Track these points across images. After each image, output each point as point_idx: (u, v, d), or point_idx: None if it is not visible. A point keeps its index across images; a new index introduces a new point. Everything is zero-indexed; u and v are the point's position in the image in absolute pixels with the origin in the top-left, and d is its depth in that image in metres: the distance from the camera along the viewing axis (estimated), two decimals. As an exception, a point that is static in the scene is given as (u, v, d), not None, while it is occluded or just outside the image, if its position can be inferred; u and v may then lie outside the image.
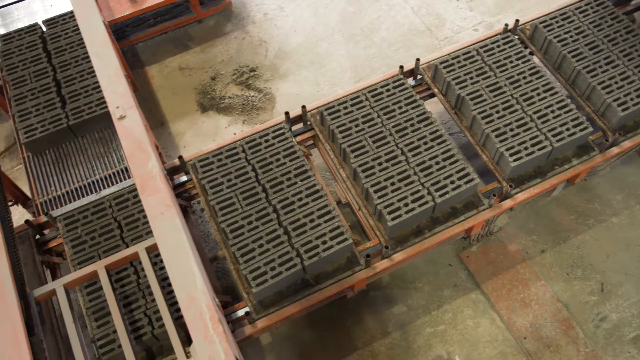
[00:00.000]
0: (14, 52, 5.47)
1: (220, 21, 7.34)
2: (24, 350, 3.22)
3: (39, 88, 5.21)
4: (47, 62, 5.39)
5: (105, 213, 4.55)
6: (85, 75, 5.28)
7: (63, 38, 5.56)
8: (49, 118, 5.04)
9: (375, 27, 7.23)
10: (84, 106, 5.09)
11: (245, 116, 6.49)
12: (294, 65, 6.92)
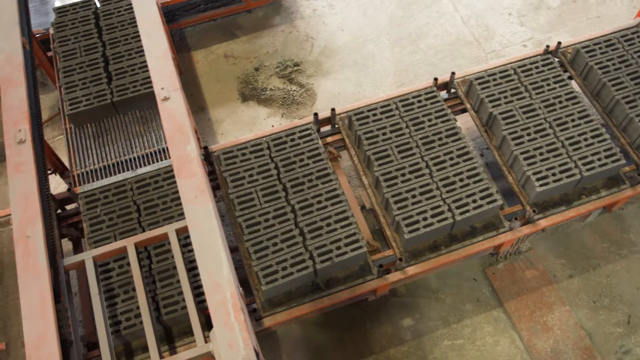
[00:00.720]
0: (67, 25, 5.60)
1: (269, 13, 7.44)
2: (50, 316, 3.41)
3: (88, 62, 5.33)
4: (98, 38, 5.50)
5: (125, 195, 4.67)
6: (133, 54, 5.39)
7: (115, 16, 5.68)
8: (94, 93, 5.18)
9: (423, 33, 7.20)
10: (129, 84, 5.21)
11: (285, 110, 6.59)
12: (338, 63, 6.98)
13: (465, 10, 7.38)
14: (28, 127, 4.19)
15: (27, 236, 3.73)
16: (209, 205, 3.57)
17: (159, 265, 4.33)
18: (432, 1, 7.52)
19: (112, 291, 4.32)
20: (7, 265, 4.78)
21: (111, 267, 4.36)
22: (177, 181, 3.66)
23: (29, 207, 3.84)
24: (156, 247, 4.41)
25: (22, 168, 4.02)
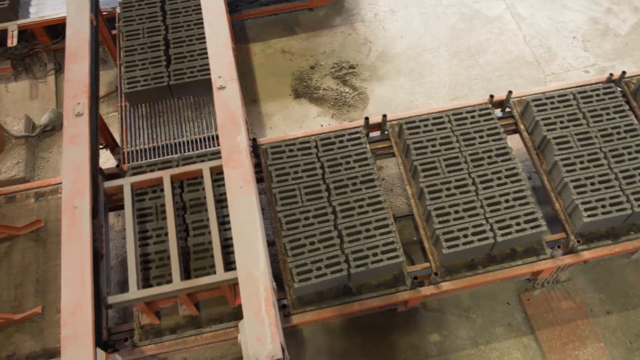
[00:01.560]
0: (133, 5, 5.71)
1: (330, 13, 7.46)
2: (88, 286, 3.53)
3: (149, 44, 5.42)
4: (162, 21, 5.59)
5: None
6: (194, 41, 5.44)
7: (181, 1, 5.75)
8: (152, 74, 5.26)
9: (482, 48, 7.10)
10: (187, 69, 5.26)
11: (336, 111, 6.60)
12: (393, 70, 6.94)
13: (529, 29, 7.24)
14: (87, 101, 4.31)
15: (74, 206, 3.83)
16: (252, 197, 3.61)
17: (189, 197, 4.49)
18: (495, 17, 7.41)
19: (145, 217, 4.49)
20: (52, 232, 4.93)
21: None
22: (224, 170, 3.72)
23: (80, 179, 3.95)
24: (189, 183, 4.57)
25: (76, 140, 4.14)
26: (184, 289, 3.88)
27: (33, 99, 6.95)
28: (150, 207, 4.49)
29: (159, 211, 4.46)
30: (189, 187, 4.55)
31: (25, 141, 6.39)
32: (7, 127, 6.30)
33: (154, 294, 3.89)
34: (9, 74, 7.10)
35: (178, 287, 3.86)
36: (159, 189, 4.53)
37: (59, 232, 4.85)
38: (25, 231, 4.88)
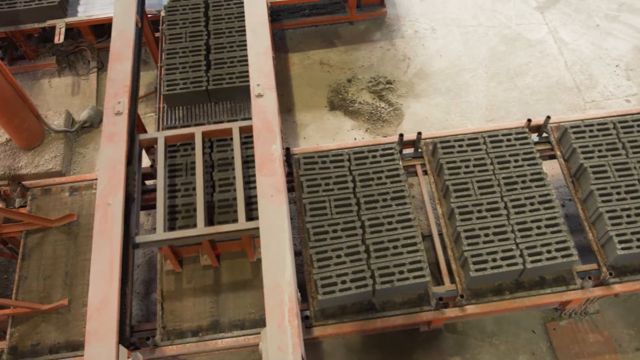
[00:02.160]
0: (178, 10, 5.83)
1: (370, 27, 7.48)
2: (115, 283, 3.59)
3: (191, 48, 5.50)
4: (204, 27, 5.68)
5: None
6: (235, 47, 5.47)
7: (224, 8, 5.83)
8: (192, 78, 5.28)
9: (522, 71, 7.03)
10: (226, 75, 5.30)
11: (370, 125, 6.60)
12: (430, 88, 6.92)
13: (571, 55, 7.15)
14: (127, 100, 4.39)
15: (108, 203, 3.89)
16: (283, 206, 3.62)
17: (218, 156, 4.81)
18: (537, 41, 7.34)
19: (175, 172, 4.78)
20: (83, 226, 5.02)
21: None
22: (257, 177, 3.74)
23: (115, 176, 4.02)
24: (219, 144, 4.89)
25: (114, 138, 4.21)
26: (207, 234, 4.08)
27: (74, 95, 7.11)
28: (180, 163, 4.79)
29: (189, 168, 4.75)
30: (218, 147, 4.85)
31: (64, 136, 6.53)
32: (48, 121, 6.45)
33: (179, 237, 4.11)
34: (53, 69, 7.28)
35: (202, 232, 4.07)
36: (190, 147, 4.83)
37: (90, 227, 4.94)
38: (58, 224, 4.98)
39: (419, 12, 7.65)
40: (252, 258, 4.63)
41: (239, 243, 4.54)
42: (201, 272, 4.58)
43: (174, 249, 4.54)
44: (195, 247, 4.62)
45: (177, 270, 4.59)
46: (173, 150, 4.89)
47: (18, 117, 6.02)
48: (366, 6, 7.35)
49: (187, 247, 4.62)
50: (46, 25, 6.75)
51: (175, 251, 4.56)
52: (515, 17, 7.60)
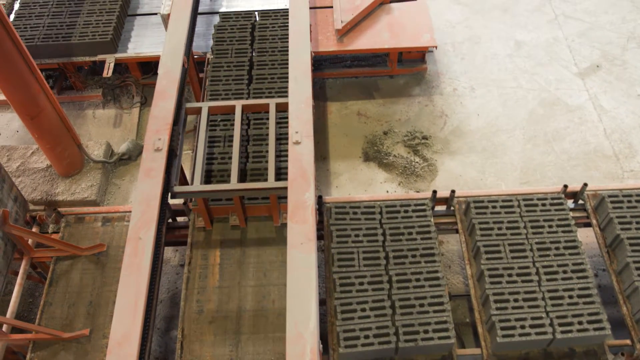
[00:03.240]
0: (226, 28, 6.32)
1: (410, 82, 7.56)
2: (138, 318, 3.64)
3: (235, 63, 5.94)
4: (250, 45, 6.13)
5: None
6: (276, 65, 5.90)
7: (269, 30, 6.28)
8: (234, 90, 5.70)
9: (560, 136, 6.98)
10: (265, 89, 5.69)
11: (403, 179, 6.59)
12: (466, 146, 6.91)
13: (611, 123, 7.09)
14: (167, 137, 4.49)
15: (139, 237, 3.94)
16: (312, 255, 3.62)
17: (254, 132, 5.33)
18: (576, 106, 7.31)
19: (214, 143, 5.30)
20: (112, 257, 5.07)
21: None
22: (288, 224, 3.75)
23: (148, 211, 4.08)
24: (255, 123, 5.40)
25: (152, 173, 4.29)
26: (239, 190, 4.54)
27: (116, 127, 7.30)
28: (219, 136, 5.32)
29: (226, 140, 5.28)
30: (254, 124, 5.40)
31: (102, 166, 6.68)
32: (88, 151, 6.61)
33: (213, 190, 4.57)
34: (98, 101, 7.51)
35: (234, 187, 4.53)
36: (229, 123, 5.38)
37: (119, 258, 4.99)
38: (88, 253, 5.04)
39: (459, 70, 7.71)
40: (277, 222, 4.95)
41: (267, 207, 4.89)
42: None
43: (207, 207, 4.89)
44: (226, 208, 4.96)
45: (208, 227, 4.97)
46: (213, 125, 5.42)
47: (61, 144, 6.19)
48: (407, 61, 7.44)
49: (218, 208, 4.96)
50: (97, 59, 7.01)
51: (208, 210, 4.93)
52: (556, 81, 7.61)
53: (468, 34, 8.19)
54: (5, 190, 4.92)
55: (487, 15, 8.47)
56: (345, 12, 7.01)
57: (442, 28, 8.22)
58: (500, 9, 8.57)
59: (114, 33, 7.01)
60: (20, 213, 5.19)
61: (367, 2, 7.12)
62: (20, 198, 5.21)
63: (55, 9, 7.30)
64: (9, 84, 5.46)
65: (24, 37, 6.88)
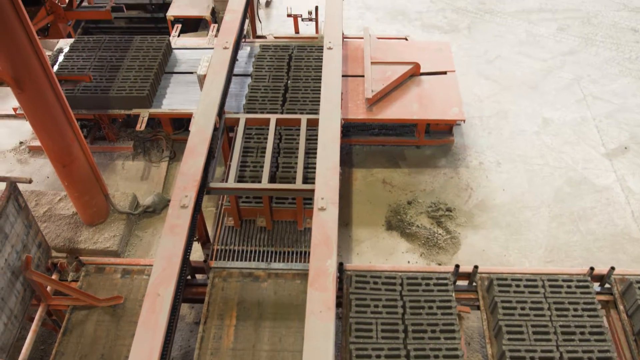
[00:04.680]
0: (265, 57, 7.27)
1: (436, 154, 7.60)
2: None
3: (272, 86, 6.80)
4: (286, 72, 7.05)
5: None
6: (309, 91, 6.75)
7: (304, 60, 7.23)
8: (269, 107, 6.52)
9: (586, 216, 6.90)
10: (297, 110, 6.49)
11: (425, 250, 6.52)
12: (490, 221, 6.85)
13: (639, 205, 7.00)
14: (194, 195, 4.54)
15: (158, 294, 3.93)
16: (330, 325, 3.57)
17: (284, 146, 5.96)
18: (604, 187, 7.25)
19: (247, 153, 5.86)
20: (129, 310, 5.04)
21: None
22: (308, 290, 3.72)
23: (169, 268, 4.08)
24: (286, 138, 6.03)
25: (176, 230, 4.32)
26: (269, 189, 5.07)
27: (143, 179, 7.42)
28: (253, 147, 5.91)
29: (259, 151, 5.85)
30: (285, 139, 6.01)
31: (126, 217, 6.75)
32: (114, 201, 6.70)
33: (246, 187, 5.15)
34: (128, 153, 7.67)
35: (265, 187, 5.07)
36: (263, 137, 6.00)
37: (135, 312, 4.97)
38: (105, 304, 5.03)
39: (485, 144, 7.75)
40: (301, 227, 5.48)
41: (292, 211, 5.46)
42: None
43: (238, 206, 5.43)
44: (254, 210, 5.52)
45: (237, 227, 5.53)
46: (248, 137, 6.02)
47: (89, 193, 6.30)
48: (435, 133, 7.51)
49: (248, 209, 5.52)
50: (131, 113, 7.21)
51: (238, 210, 5.47)
52: (583, 160, 7.58)
53: (496, 109, 8.28)
54: (31, 236, 5.00)
55: (515, 92, 8.57)
56: (376, 81, 7.16)
57: (471, 102, 8.33)
58: (529, 86, 8.67)
59: (150, 89, 7.23)
60: (42, 259, 5.24)
61: (397, 73, 7.27)
62: (44, 244, 5.28)
63: (97, 63, 7.58)
64: (46, 132, 5.62)
65: (64, 87, 7.13)
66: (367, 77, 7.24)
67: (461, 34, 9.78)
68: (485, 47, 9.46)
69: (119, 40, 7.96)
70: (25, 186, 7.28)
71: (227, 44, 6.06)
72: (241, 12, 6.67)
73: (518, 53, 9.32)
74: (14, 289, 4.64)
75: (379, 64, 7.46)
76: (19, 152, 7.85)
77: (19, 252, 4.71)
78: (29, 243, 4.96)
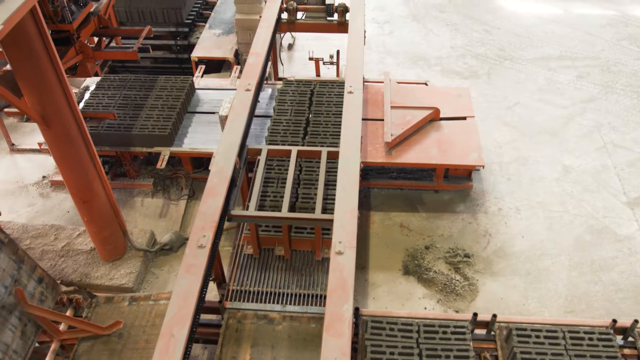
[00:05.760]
0: (288, 92, 7.47)
1: (454, 199, 7.56)
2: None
3: (294, 120, 7.02)
4: (307, 107, 7.26)
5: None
6: (329, 125, 6.93)
7: (325, 96, 7.38)
8: (290, 140, 6.73)
9: (608, 265, 6.77)
10: (318, 143, 6.65)
11: (443, 296, 6.43)
12: (509, 268, 6.76)
13: (662, 257, 6.87)
14: (212, 236, 4.55)
15: (172, 334, 3.91)
16: (345, 372, 3.51)
17: (304, 177, 6.08)
18: (625, 236, 7.13)
19: (268, 184, 5.98)
20: (133, 337, 5.06)
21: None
22: (324, 336, 3.67)
23: (184, 308, 4.07)
24: (306, 169, 6.17)
25: (192, 270, 4.32)
26: (289, 218, 5.13)
27: (161, 217, 7.46)
28: (274, 178, 6.04)
29: (279, 182, 5.98)
30: (305, 171, 6.16)
31: (143, 254, 6.77)
32: (132, 238, 6.74)
33: (266, 216, 5.21)
34: (148, 190, 7.74)
35: (285, 215, 5.14)
36: (284, 168, 6.10)
37: (138, 339, 4.98)
38: (108, 332, 5.04)
39: (504, 190, 7.71)
40: (319, 256, 5.55)
41: (310, 241, 5.53)
42: None
43: (257, 235, 5.52)
44: (273, 239, 5.62)
45: (256, 255, 5.62)
46: (269, 168, 6.16)
47: (108, 230, 6.35)
48: (453, 178, 7.49)
49: (267, 238, 5.62)
50: (153, 151, 7.31)
51: (257, 238, 5.56)
52: (604, 209, 7.49)
53: (515, 155, 8.25)
54: (24, 271, 5.00)
55: (535, 138, 8.56)
56: (395, 125, 7.20)
57: (490, 147, 8.32)
58: (549, 133, 8.65)
59: (172, 128, 7.34)
60: (47, 294, 5.24)
61: (417, 118, 7.31)
62: (47, 279, 5.28)
63: (122, 101, 7.74)
64: (69, 168, 5.72)
65: (89, 124, 7.27)
66: (387, 121, 7.29)
67: (481, 80, 9.84)
68: (505, 93, 9.50)
69: (143, 79, 8.13)
70: (46, 219, 7.40)
71: (250, 86, 6.16)
72: (264, 55, 6.80)
73: (538, 100, 9.34)
74: (8, 324, 4.64)
75: (399, 108, 7.51)
76: (41, 186, 7.97)
77: (8, 287, 4.71)
78: (23, 278, 4.95)
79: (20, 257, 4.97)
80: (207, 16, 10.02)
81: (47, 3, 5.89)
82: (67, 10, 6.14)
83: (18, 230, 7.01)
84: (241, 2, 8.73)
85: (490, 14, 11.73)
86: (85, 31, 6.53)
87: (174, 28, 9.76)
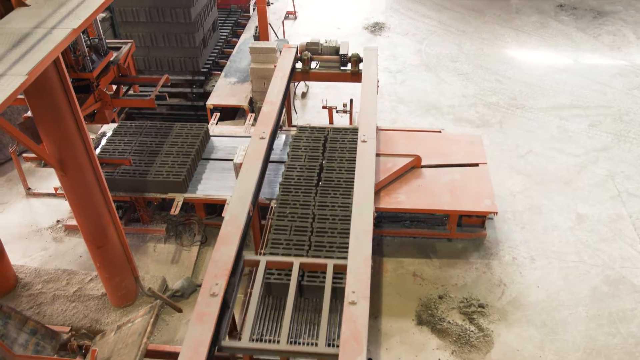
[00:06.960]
0: (302, 138, 7.46)
1: (468, 247, 7.50)
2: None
3: (307, 166, 6.94)
4: (321, 153, 7.20)
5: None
6: (343, 171, 6.83)
7: (339, 143, 7.35)
8: (304, 187, 6.57)
9: (627, 317, 6.63)
10: (331, 190, 6.51)
11: (457, 348, 6.30)
12: (524, 319, 6.64)
13: (682, 310, 6.72)
14: (224, 283, 4.54)
15: (183, 385, 3.84)
16: None
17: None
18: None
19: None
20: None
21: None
22: (338, 390, 3.59)
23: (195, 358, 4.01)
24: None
25: (204, 319, 4.29)
26: (287, 352, 4.40)
27: (174, 263, 7.45)
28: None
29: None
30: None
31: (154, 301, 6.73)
32: (144, 284, 6.72)
33: (262, 348, 4.49)
34: (161, 235, 7.76)
35: (283, 348, 4.40)
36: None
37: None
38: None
39: (519, 239, 7.64)
40: None
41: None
42: None
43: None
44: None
45: None
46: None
47: (119, 275, 6.34)
48: (466, 226, 7.45)
49: None
50: (167, 197, 7.36)
51: None
52: (620, 259, 7.39)
53: (529, 204, 8.21)
54: (12, 325, 5.02)
55: (548, 187, 8.53)
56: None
57: (503, 196, 8.29)
58: (562, 181, 8.63)
59: (187, 174, 7.41)
60: (44, 344, 5.22)
61: (398, 165, 7.34)
62: (42, 330, 5.28)
63: (138, 147, 7.85)
64: (84, 213, 5.76)
65: (105, 170, 7.36)
66: (393, 168, 7.32)
67: (493, 129, 9.90)
68: (517, 141, 9.53)
69: (159, 126, 8.27)
70: (58, 264, 7.42)
71: (264, 134, 6.24)
72: (279, 104, 6.91)
73: (550, 148, 9.35)
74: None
75: (386, 155, 7.57)
76: (55, 230, 8.02)
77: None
78: (11, 332, 4.96)
79: (7, 314, 5.03)
80: (223, 65, 10.24)
81: (69, 52, 6.06)
82: (88, 60, 6.31)
83: (30, 275, 7.02)
84: (256, 52, 8.92)
85: (502, 63, 11.88)
86: (105, 79, 6.69)
87: (191, 76, 9.98)
